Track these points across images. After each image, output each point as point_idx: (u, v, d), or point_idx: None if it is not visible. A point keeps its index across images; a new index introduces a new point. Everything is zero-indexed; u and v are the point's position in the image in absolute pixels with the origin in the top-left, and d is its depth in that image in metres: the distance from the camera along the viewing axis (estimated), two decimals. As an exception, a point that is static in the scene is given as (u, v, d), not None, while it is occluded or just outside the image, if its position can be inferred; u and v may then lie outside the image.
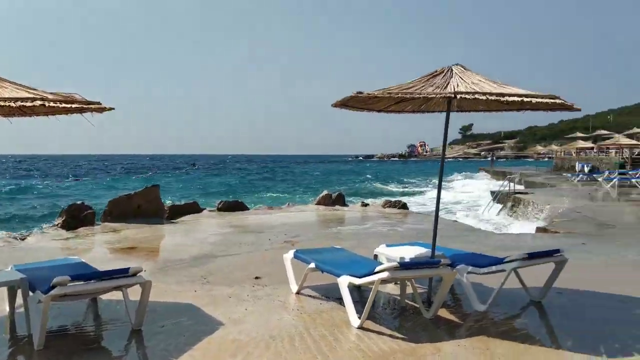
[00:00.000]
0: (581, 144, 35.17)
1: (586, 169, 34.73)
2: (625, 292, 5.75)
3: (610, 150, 42.20)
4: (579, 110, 5.06)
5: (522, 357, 3.91)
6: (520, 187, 25.57)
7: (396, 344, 4.16)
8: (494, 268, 5.10)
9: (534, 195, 19.74)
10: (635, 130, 42.16)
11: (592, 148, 40.08)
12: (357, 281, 4.59)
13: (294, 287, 5.74)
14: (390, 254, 5.58)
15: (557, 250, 5.18)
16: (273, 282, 6.15)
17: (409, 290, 5.28)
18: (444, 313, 4.97)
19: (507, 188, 21.72)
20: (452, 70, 5.15)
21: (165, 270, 6.89)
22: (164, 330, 4.51)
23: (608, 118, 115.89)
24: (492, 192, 22.38)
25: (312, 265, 5.31)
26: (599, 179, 26.94)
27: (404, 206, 14.67)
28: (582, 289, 5.87)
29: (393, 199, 16.04)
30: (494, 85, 4.83)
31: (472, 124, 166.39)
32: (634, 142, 27.04)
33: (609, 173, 28.88)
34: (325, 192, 15.46)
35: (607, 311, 5.10)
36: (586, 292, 5.78)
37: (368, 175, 66.51)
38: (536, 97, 4.44)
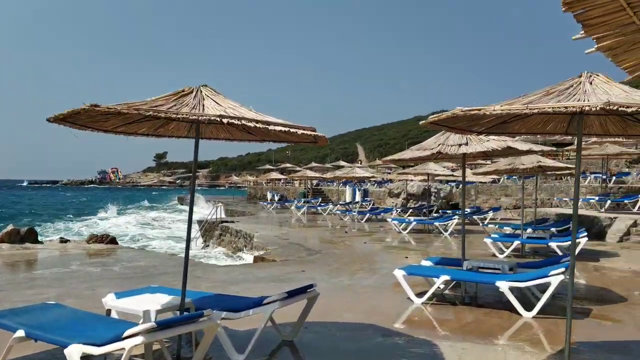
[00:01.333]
0: (274, 175, 38.68)
1: (276, 198, 38.20)
2: (355, 320, 6.07)
3: (295, 181, 47.67)
4: (327, 144, 5.13)
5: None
6: (223, 216, 26.26)
7: None
8: (251, 312, 4.66)
9: (240, 223, 20.39)
10: (314, 164, 48.99)
11: (279, 179, 44.44)
12: (97, 350, 3.49)
13: (-11, 367, 4.15)
14: (129, 306, 4.59)
15: (311, 286, 5.09)
16: (-50, 363, 4.34)
17: (156, 346, 4.40)
18: (199, 371, 4.25)
19: (213, 217, 21.93)
20: (201, 91, 4.59)
21: None
22: None
23: (287, 153, 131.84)
24: (199, 222, 22.26)
25: (21, 333, 3.90)
26: (290, 207, 29.86)
27: (112, 240, 13.05)
28: (321, 320, 5.95)
29: (99, 233, 14.17)
30: (252, 112, 4.48)
31: (166, 152, 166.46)
32: (316, 174, 31.13)
33: (298, 201, 32.41)
34: (10, 227, 12.57)
35: (353, 342, 5.23)
36: (326, 323, 5.87)
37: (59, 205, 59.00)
38: (299, 129, 4.25)
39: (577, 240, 11.23)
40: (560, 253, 11.27)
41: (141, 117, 4.67)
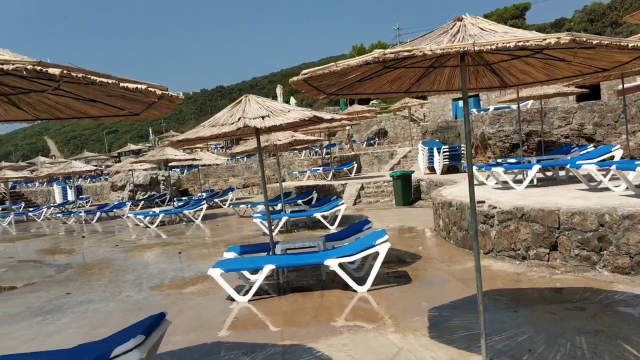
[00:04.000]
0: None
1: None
2: (192, 342, 4.87)
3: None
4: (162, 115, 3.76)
5: None
6: None
7: None
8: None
9: None
10: (5, 163, 40.39)
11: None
12: None
13: None
14: None
15: (162, 315, 3.68)
16: None
17: None
18: None
19: None
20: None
21: None
22: None
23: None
24: None
25: None
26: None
27: None
28: (150, 353, 4.52)
29: None
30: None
31: None
32: (19, 174, 25.51)
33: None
34: None
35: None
36: (161, 355, 4.48)
37: None
38: (155, 87, 2.89)
39: (337, 208, 11.83)
40: (325, 222, 11.73)
41: None
